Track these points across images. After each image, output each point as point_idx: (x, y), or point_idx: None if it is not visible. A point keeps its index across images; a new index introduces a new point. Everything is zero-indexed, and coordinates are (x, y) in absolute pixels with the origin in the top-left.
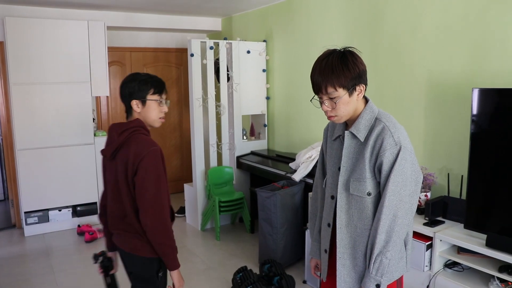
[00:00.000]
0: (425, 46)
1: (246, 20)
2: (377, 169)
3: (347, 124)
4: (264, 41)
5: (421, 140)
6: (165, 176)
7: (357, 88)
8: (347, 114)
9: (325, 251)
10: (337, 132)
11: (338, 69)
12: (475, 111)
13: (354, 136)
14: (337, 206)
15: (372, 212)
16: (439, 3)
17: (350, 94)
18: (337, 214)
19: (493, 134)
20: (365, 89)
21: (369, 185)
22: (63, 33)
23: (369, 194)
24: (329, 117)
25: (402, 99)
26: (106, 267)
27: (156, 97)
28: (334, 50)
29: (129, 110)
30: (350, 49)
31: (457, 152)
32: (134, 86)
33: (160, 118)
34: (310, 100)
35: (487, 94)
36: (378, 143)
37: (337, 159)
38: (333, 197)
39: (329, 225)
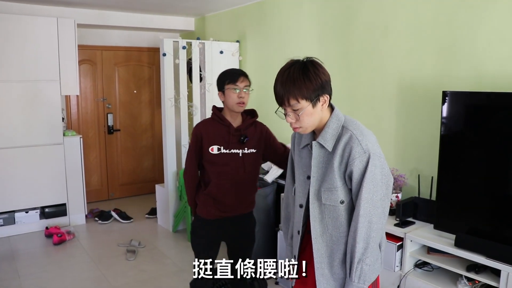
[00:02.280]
0: (396, 50)
1: (219, 20)
2: (347, 177)
3: (315, 133)
4: (237, 41)
5: (392, 142)
6: (197, 146)
7: (321, 98)
8: (312, 125)
9: (294, 257)
10: (304, 140)
11: (299, 81)
12: (445, 114)
13: (321, 146)
14: (310, 216)
15: (346, 219)
16: (409, 7)
17: (314, 105)
18: (311, 224)
19: (462, 137)
20: (330, 99)
21: (341, 194)
22: (31, 30)
23: (342, 202)
24: (294, 129)
25: (373, 101)
26: None
27: (230, 85)
28: (297, 61)
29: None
30: (312, 59)
31: (427, 154)
32: (217, 81)
33: (237, 103)
34: (275, 112)
35: (456, 97)
36: (347, 152)
37: (305, 168)
38: (302, 206)
39: (298, 232)
